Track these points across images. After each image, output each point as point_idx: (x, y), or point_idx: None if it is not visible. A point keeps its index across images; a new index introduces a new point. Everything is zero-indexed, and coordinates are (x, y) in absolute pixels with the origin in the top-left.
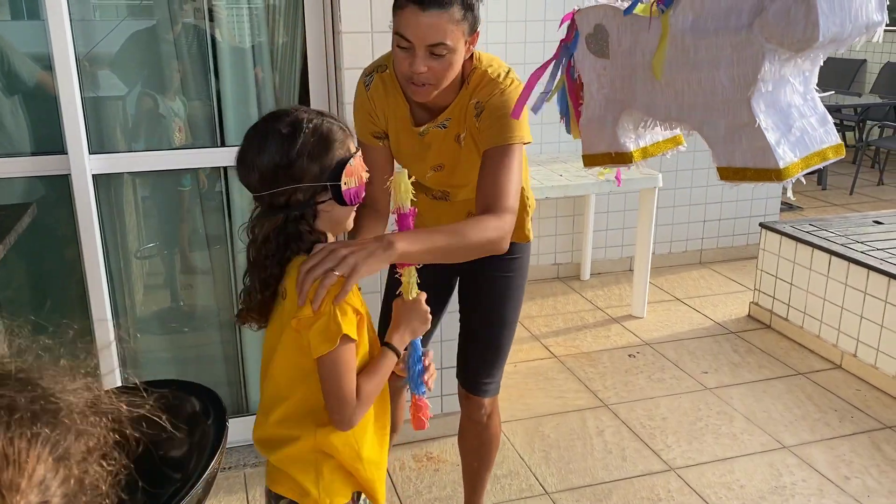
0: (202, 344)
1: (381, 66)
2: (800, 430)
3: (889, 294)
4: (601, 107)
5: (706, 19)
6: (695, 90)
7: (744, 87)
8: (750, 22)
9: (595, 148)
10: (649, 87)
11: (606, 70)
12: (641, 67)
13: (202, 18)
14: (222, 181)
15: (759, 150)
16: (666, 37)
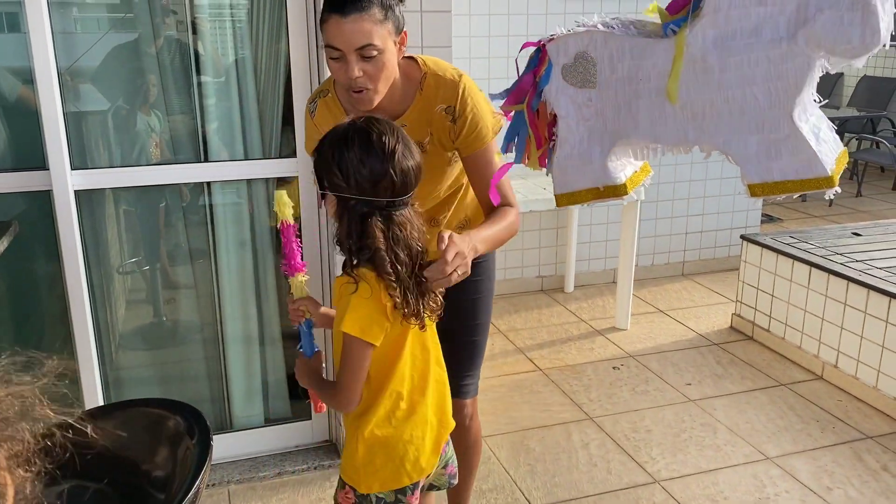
0: (185, 360)
1: (323, 91)
2: (782, 442)
3: (868, 305)
4: (584, 141)
5: (733, 36)
6: (720, 110)
7: (784, 101)
8: (791, 33)
9: (575, 185)
10: (657, 112)
11: (592, 101)
12: (647, 93)
13: (185, 32)
14: (206, 195)
15: (804, 161)
16: (681, 58)
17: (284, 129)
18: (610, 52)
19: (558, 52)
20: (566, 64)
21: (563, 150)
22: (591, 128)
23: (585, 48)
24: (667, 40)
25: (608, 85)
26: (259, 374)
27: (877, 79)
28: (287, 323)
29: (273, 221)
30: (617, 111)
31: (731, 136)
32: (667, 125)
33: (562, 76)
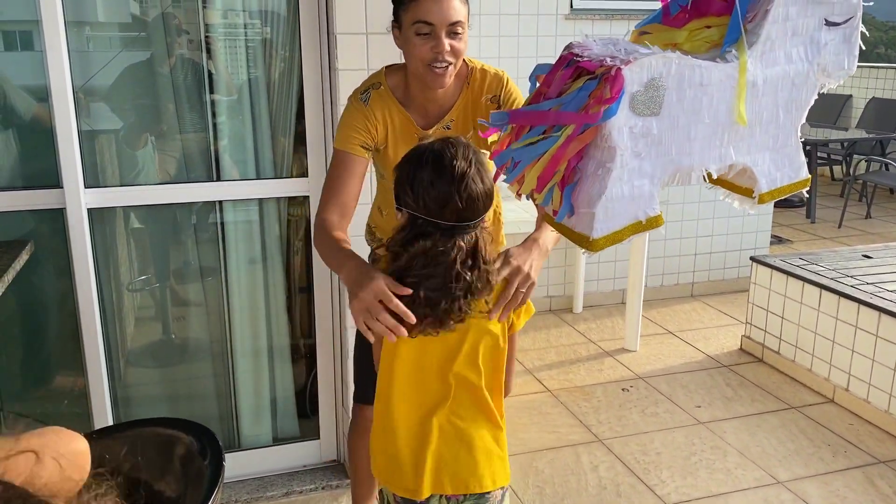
0: (194, 378)
1: (375, 85)
2: (793, 465)
3: (880, 328)
4: (635, 174)
5: (775, 62)
6: (754, 130)
7: (797, 118)
8: (809, 60)
9: (618, 224)
10: (710, 136)
11: (653, 131)
12: (706, 118)
13: (198, 51)
14: (217, 213)
15: (797, 166)
16: (744, 82)
17: (297, 148)
18: (680, 77)
19: (633, 78)
20: (636, 91)
21: (615, 189)
22: (644, 159)
23: (660, 73)
24: (728, 64)
25: (671, 112)
26: (268, 393)
27: (885, 101)
28: (296, 340)
29: None
30: (675, 139)
31: (756, 154)
32: (714, 149)
33: (629, 105)
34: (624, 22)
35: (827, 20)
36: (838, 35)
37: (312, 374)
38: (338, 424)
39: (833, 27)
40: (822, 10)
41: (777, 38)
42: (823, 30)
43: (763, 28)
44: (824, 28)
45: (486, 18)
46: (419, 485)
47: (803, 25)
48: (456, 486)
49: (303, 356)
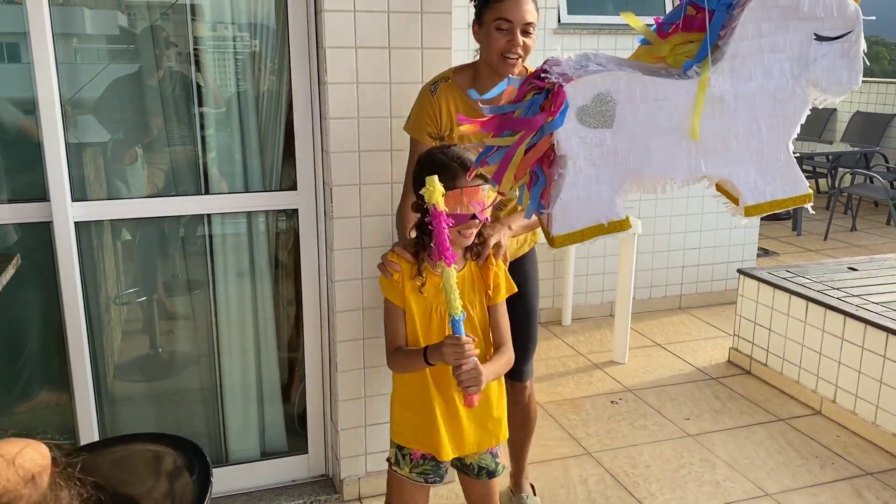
0: (181, 391)
1: (444, 77)
2: (782, 477)
3: (866, 340)
4: (592, 181)
5: (749, 78)
6: (729, 143)
7: (783, 133)
8: (795, 76)
9: (576, 225)
10: (672, 149)
11: (606, 141)
12: (666, 131)
13: (187, 64)
14: (205, 226)
15: (791, 181)
16: (703, 97)
17: (285, 161)
18: (632, 93)
19: (577, 93)
20: (583, 105)
21: (569, 193)
22: (601, 167)
23: (608, 89)
24: (689, 81)
25: (626, 125)
26: (255, 407)
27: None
28: (284, 354)
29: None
30: (632, 150)
31: (735, 167)
32: (680, 161)
33: (576, 118)
34: (612, 37)
35: (817, 35)
36: (834, 49)
37: (301, 388)
38: (326, 438)
39: (826, 42)
40: (808, 25)
41: (748, 54)
42: (813, 45)
43: (729, 45)
44: (814, 43)
45: None
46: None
47: (785, 41)
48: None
49: (291, 370)
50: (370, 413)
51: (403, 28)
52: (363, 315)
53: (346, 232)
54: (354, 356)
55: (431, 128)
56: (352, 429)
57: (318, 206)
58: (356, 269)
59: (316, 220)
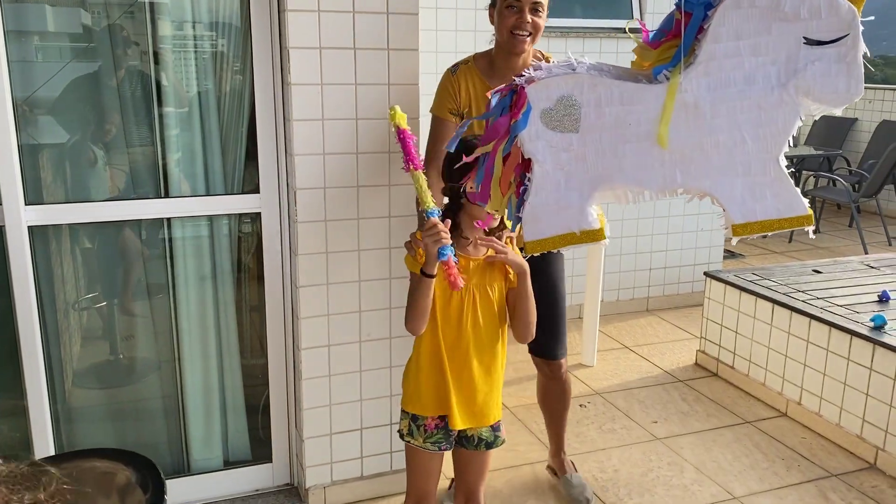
0: (141, 399)
1: (465, 61)
2: (749, 480)
3: (830, 343)
4: (560, 187)
5: (727, 83)
6: (708, 154)
7: (772, 146)
8: (783, 83)
9: (548, 231)
10: (644, 157)
11: (573, 146)
12: (634, 138)
13: (147, 64)
14: (165, 229)
15: (785, 200)
16: (672, 103)
17: (248, 164)
18: (598, 96)
19: (539, 95)
20: (547, 108)
21: (537, 197)
22: (570, 173)
23: (570, 92)
24: (659, 86)
25: (592, 129)
26: (218, 415)
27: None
28: (247, 361)
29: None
30: (600, 156)
31: (718, 180)
32: (654, 170)
33: (541, 120)
34: (580, 40)
35: (807, 38)
36: (827, 54)
37: (265, 395)
38: (291, 446)
39: (818, 46)
40: (795, 27)
41: (725, 56)
42: (803, 49)
43: (703, 48)
44: (804, 47)
45: (443, 34)
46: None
47: (768, 44)
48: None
49: (255, 377)
50: (336, 421)
51: (369, 29)
52: (329, 321)
53: (311, 236)
54: (320, 364)
55: (451, 104)
56: (317, 437)
57: (282, 209)
58: (321, 275)
59: (280, 224)
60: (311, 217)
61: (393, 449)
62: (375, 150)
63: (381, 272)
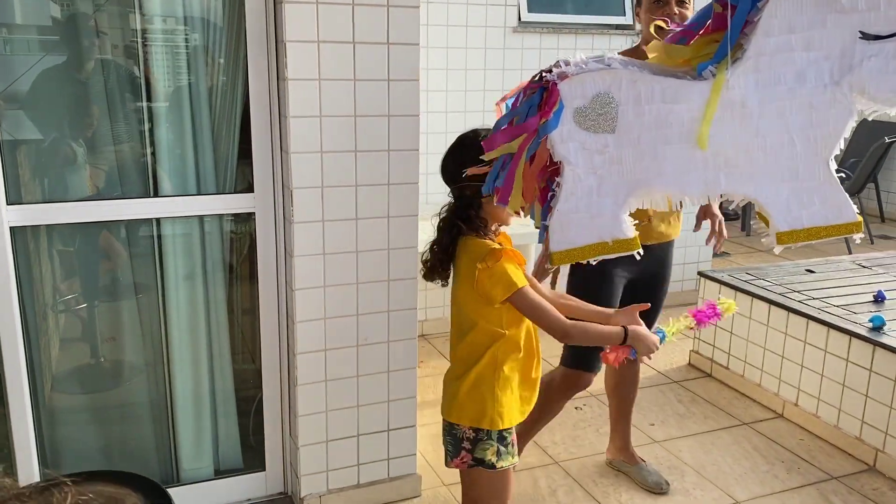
0: (129, 404)
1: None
2: (750, 484)
3: (828, 343)
4: (593, 192)
5: (777, 81)
6: (754, 157)
7: (822, 148)
8: (836, 80)
9: (577, 241)
10: (686, 159)
11: (609, 147)
12: (676, 138)
13: (134, 57)
14: (154, 229)
15: (834, 207)
16: (716, 101)
17: (241, 162)
18: (637, 93)
19: (573, 92)
20: (581, 106)
21: (567, 204)
22: (604, 177)
23: (608, 89)
24: (704, 83)
25: (630, 129)
26: (209, 422)
27: None
28: (240, 365)
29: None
30: (638, 159)
31: (763, 184)
32: (696, 173)
33: (573, 120)
34: (572, 36)
35: (863, 32)
36: (885, 50)
37: (257, 400)
38: (285, 454)
39: (875, 41)
40: (852, 20)
41: (776, 52)
42: (859, 44)
43: (752, 43)
44: (860, 42)
45: (434, 29)
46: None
47: (822, 38)
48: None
49: (247, 382)
50: (332, 428)
51: (369, 22)
52: (326, 325)
53: (308, 237)
54: (316, 369)
55: None
56: (313, 445)
57: (277, 209)
58: (318, 277)
59: (274, 225)
60: (308, 217)
61: (390, 456)
62: (374, 148)
63: (379, 274)
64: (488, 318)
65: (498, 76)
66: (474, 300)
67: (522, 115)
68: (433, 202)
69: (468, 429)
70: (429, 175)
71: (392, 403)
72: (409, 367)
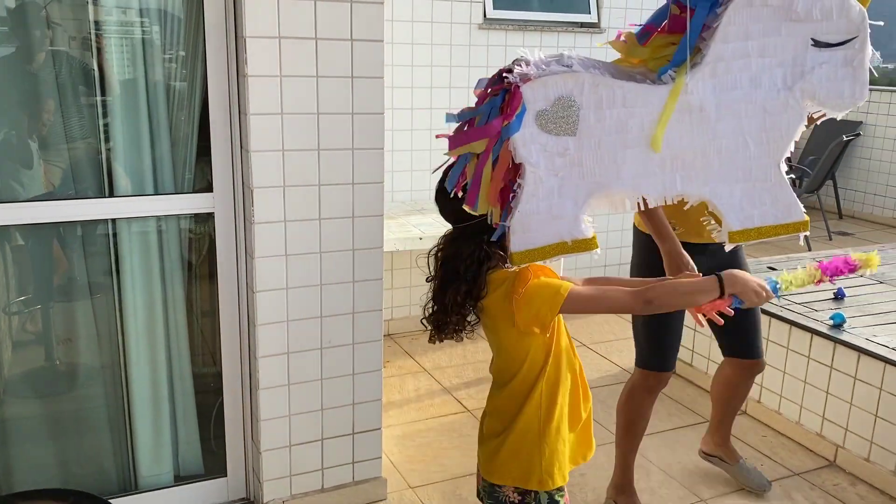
0: (84, 408)
1: None
2: (715, 482)
3: (790, 341)
4: (554, 194)
5: (734, 86)
6: (710, 159)
7: (774, 150)
8: (788, 85)
9: (537, 241)
10: (644, 163)
11: (569, 150)
12: (636, 142)
13: (87, 52)
14: (110, 229)
15: (785, 206)
16: (673, 105)
17: (200, 160)
18: (599, 97)
19: (535, 95)
20: (543, 109)
21: (528, 205)
22: (564, 179)
23: (570, 92)
24: (664, 87)
25: (591, 133)
26: (168, 426)
27: None
28: (200, 369)
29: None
30: (598, 161)
31: (718, 185)
32: (654, 176)
33: (535, 123)
34: (537, 34)
35: (815, 40)
36: (835, 57)
37: (218, 404)
38: (247, 459)
39: (826, 48)
40: (805, 28)
41: (733, 58)
42: (811, 51)
43: (710, 48)
44: (812, 49)
45: (399, 25)
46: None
47: (777, 45)
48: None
49: (207, 385)
50: (295, 432)
51: (332, 18)
52: (288, 328)
53: (269, 238)
54: (278, 372)
55: None
56: (275, 449)
57: (237, 209)
58: (280, 279)
59: (234, 225)
60: (269, 217)
61: (355, 459)
62: (338, 146)
63: (343, 275)
64: (537, 350)
65: (464, 73)
66: (517, 338)
67: (485, 114)
68: (399, 200)
69: (512, 491)
70: (395, 173)
71: (357, 406)
72: (374, 369)
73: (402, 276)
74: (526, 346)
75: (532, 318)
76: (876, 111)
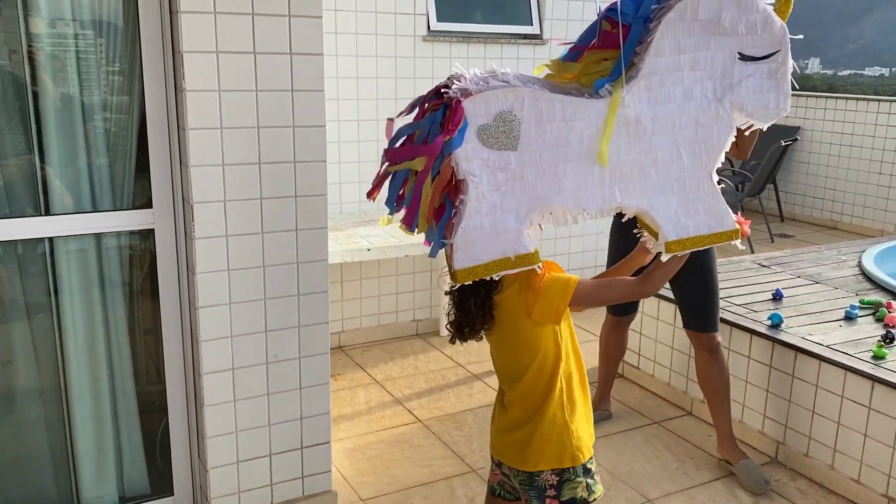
0: (24, 430)
1: None
2: (661, 482)
3: (731, 341)
4: (496, 209)
5: (668, 98)
6: (647, 171)
7: (707, 161)
8: (719, 98)
9: (482, 257)
10: (584, 175)
11: (511, 165)
12: (576, 156)
13: (19, 65)
14: (47, 246)
15: (717, 215)
16: (614, 118)
17: (139, 176)
18: (539, 112)
19: (477, 110)
20: (485, 124)
21: (471, 220)
22: (506, 194)
23: (510, 107)
24: (601, 101)
25: (532, 147)
26: (111, 446)
27: None
28: (143, 388)
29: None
30: (539, 176)
31: (654, 198)
32: (594, 189)
33: (477, 137)
34: (481, 45)
35: (741, 54)
36: (760, 70)
37: (163, 422)
38: (194, 477)
39: (751, 62)
40: (732, 42)
41: (666, 71)
42: (738, 65)
43: (645, 62)
44: (739, 63)
45: (343, 37)
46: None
47: (707, 59)
48: None
49: (152, 404)
50: (243, 448)
51: (270, 32)
52: (232, 343)
53: (210, 253)
54: (223, 388)
55: None
56: (222, 466)
57: (178, 225)
58: (223, 294)
59: (175, 241)
60: (210, 233)
61: (304, 474)
62: (279, 160)
63: (288, 289)
64: (549, 340)
65: (409, 84)
66: (531, 329)
67: (425, 129)
68: (347, 212)
69: (550, 474)
70: (342, 184)
71: (305, 420)
72: (322, 382)
73: (352, 287)
74: (539, 336)
75: (547, 309)
76: (812, 116)
